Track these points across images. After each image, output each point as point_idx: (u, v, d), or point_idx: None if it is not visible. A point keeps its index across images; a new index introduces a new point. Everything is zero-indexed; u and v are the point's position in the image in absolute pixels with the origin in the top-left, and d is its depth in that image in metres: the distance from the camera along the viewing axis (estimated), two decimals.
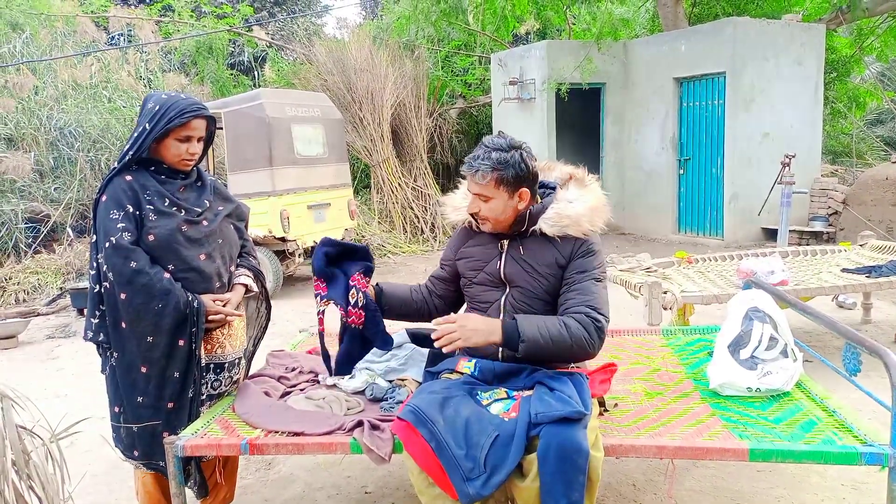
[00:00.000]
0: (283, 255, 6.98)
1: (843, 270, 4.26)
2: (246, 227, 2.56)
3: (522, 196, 2.17)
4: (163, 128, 2.17)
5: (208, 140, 2.35)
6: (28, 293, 7.45)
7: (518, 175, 2.13)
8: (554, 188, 2.30)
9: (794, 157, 6.57)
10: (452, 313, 2.05)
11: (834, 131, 12.43)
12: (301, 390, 2.52)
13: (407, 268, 8.57)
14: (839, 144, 12.55)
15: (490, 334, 2.05)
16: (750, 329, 2.40)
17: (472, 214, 2.23)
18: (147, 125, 2.18)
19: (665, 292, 3.74)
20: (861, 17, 10.16)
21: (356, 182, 10.74)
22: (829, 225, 8.63)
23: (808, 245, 6.58)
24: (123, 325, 2.17)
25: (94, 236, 2.21)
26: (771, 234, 8.50)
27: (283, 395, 2.46)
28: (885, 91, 12.46)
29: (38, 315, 6.61)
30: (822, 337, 4.62)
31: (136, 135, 2.20)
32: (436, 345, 2.04)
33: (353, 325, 2.22)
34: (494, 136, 2.21)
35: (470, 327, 2.03)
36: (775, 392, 2.31)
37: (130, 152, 2.20)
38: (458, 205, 2.37)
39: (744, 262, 4.10)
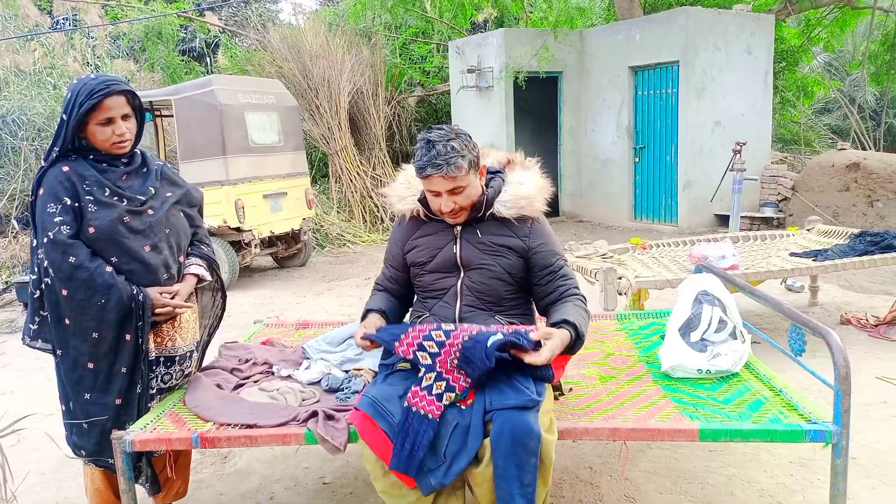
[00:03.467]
0: (238, 246, 6.86)
1: (792, 255, 4.38)
2: (200, 213, 2.46)
3: (482, 172, 2.20)
4: (77, 115, 2.05)
5: (140, 115, 2.21)
6: None
7: (476, 154, 2.15)
8: (497, 172, 2.30)
9: (744, 144, 6.73)
10: (543, 351, 1.94)
11: (783, 120, 12.76)
12: (255, 382, 2.48)
13: (367, 257, 8.51)
14: (788, 132, 12.90)
15: (563, 346, 2.00)
16: (700, 312, 2.45)
17: (440, 212, 2.16)
18: (64, 116, 2.07)
19: (620, 278, 3.80)
20: (808, 7, 10.45)
21: (314, 171, 10.60)
22: (779, 211, 8.87)
23: (758, 230, 6.75)
24: (67, 321, 2.10)
25: (33, 232, 2.12)
26: (723, 220, 8.70)
27: (236, 388, 2.42)
28: (831, 81, 12.83)
29: None
30: (770, 319, 4.75)
31: (57, 128, 2.10)
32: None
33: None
34: (432, 130, 2.12)
35: (557, 353, 1.98)
36: (724, 373, 2.37)
37: (56, 148, 2.10)
38: (402, 194, 2.31)
39: (696, 248, 4.18)
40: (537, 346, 1.96)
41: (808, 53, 12.11)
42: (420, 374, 2.00)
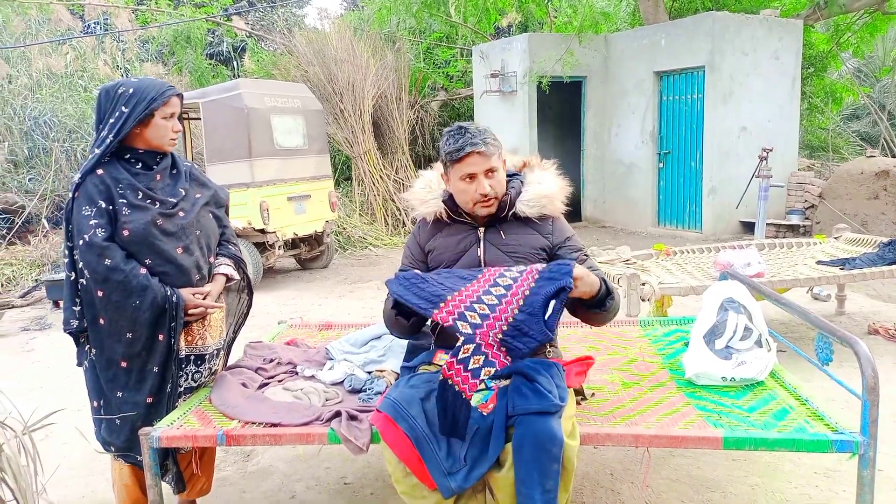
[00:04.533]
0: (262, 247, 6.93)
1: (819, 263, 4.32)
2: (226, 212, 2.52)
3: (504, 165, 2.24)
4: (147, 108, 2.15)
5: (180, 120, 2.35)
6: (3, 285, 7.32)
7: (502, 149, 2.21)
8: (514, 175, 2.32)
9: (771, 151, 6.64)
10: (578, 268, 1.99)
11: (811, 126, 12.58)
12: (279, 381, 2.51)
13: (388, 260, 8.55)
14: (816, 139, 12.71)
15: (594, 286, 2.04)
16: (725, 319, 2.43)
17: (473, 203, 2.17)
18: (124, 108, 2.14)
19: (643, 284, 3.78)
20: (838, 12, 10.29)
21: (337, 174, 10.68)
22: (806, 218, 8.75)
23: (784, 238, 6.66)
24: (102, 321, 2.15)
25: (67, 225, 2.18)
26: (748, 228, 8.60)
27: (260, 387, 2.45)
28: (861, 87, 12.62)
29: (13, 307, 6.50)
30: (796, 328, 4.69)
31: (112, 120, 2.15)
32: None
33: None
34: (456, 124, 2.21)
35: (592, 287, 2.03)
36: (749, 381, 2.34)
37: (110, 137, 2.15)
38: (423, 198, 2.33)
39: (721, 255, 4.15)
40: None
41: (836, 59, 11.93)
42: (458, 344, 1.94)
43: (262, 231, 6.77)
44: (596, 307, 2.10)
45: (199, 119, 6.73)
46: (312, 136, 7.58)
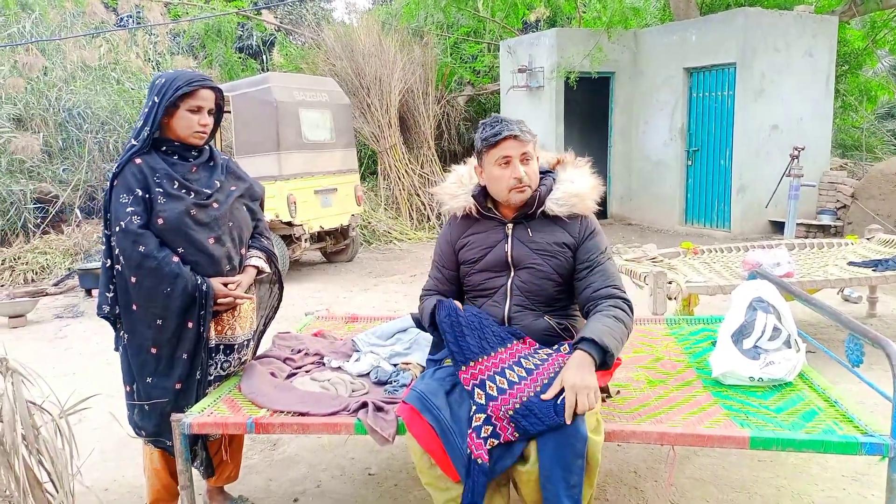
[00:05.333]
0: (289, 240, 7.01)
1: (850, 264, 4.25)
2: (261, 206, 2.56)
3: (538, 160, 2.25)
4: (171, 96, 2.18)
5: (218, 116, 2.36)
6: (36, 273, 7.51)
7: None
8: (547, 172, 2.32)
9: (803, 149, 6.54)
10: (558, 384, 1.90)
11: (844, 125, 12.34)
12: (306, 372, 2.54)
13: (412, 254, 8.59)
14: (849, 138, 12.46)
15: (591, 373, 1.93)
16: (753, 319, 2.41)
17: (507, 191, 2.17)
18: (156, 98, 2.20)
19: (670, 282, 3.75)
20: (874, 9, 10.06)
21: (363, 168, 10.74)
22: (837, 218, 8.60)
23: (815, 238, 6.56)
24: (134, 307, 2.20)
25: (105, 213, 2.24)
26: (778, 227, 8.48)
27: (288, 377, 2.49)
28: None
29: (47, 295, 6.66)
30: (826, 329, 4.63)
31: (146, 111, 2.22)
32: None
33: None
34: (492, 115, 2.24)
35: (590, 386, 1.88)
36: (777, 382, 2.32)
37: (146, 128, 2.21)
38: (454, 192, 2.33)
39: (749, 254, 4.10)
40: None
41: (872, 56, 11.67)
42: (471, 412, 1.95)
43: (289, 224, 6.85)
44: (600, 369, 2.01)
45: (229, 112, 6.82)
46: (339, 130, 7.63)
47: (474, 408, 1.96)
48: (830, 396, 2.21)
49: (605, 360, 1.99)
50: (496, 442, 1.90)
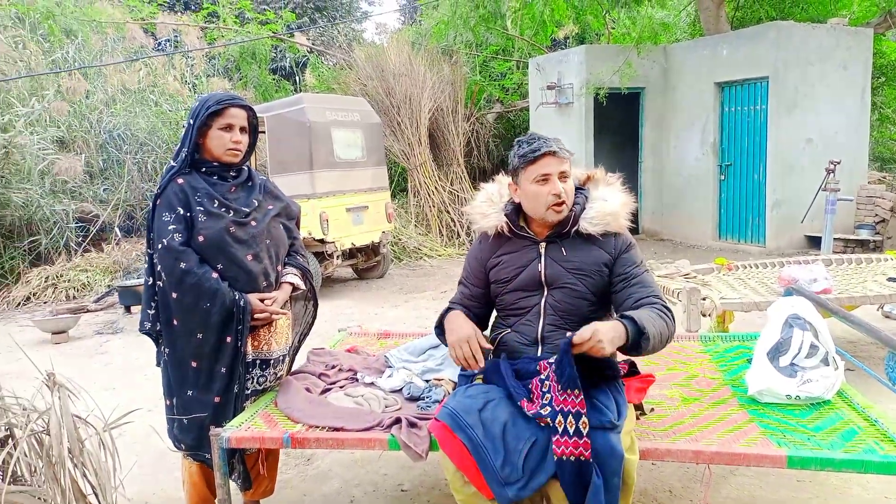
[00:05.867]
0: (321, 257, 7.10)
1: (890, 280, 4.16)
2: (297, 225, 2.63)
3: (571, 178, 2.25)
4: (203, 117, 2.27)
5: (254, 134, 2.43)
6: (78, 290, 7.71)
7: None
8: (579, 189, 2.30)
9: (839, 163, 6.43)
10: (585, 328, 1.90)
11: (882, 137, 12.11)
12: (340, 387, 2.58)
13: (443, 271, 8.62)
14: (887, 151, 12.22)
15: (619, 339, 1.94)
16: (790, 336, 2.38)
17: (545, 208, 2.18)
18: (191, 120, 2.30)
19: (704, 298, 3.71)
20: None
21: (393, 185, 10.84)
22: (876, 233, 8.41)
23: (852, 253, 6.42)
24: (175, 322, 2.27)
25: (148, 234, 2.32)
26: (814, 242, 8.32)
27: (323, 392, 2.53)
28: None
29: (88, 311, 6.84)
30: (866, 347, 4.52)
31: (183, 133, 2.33)
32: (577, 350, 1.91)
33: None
34: (528, 133, 2.25)
35: (606, 338, 1.89)
36: (815, 400, 2.29)
37: (184, 149, 2.31)
38: (485, 211, 2.32)
39: (785, 270, 4.04)
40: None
41: None
42: (552, 424, 1.94)
43: (322, 241, 6.94)
44: (633, 350, 2.01)
45: (263, 132, 6.96)
46: (370, 149, 7.73)
47: (549, 420, 1.96)
48: (870, 415, 2.17)
49: (638, 342, 1.97)
50: (582, 418, 1.90)
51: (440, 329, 2.32)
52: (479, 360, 2.10)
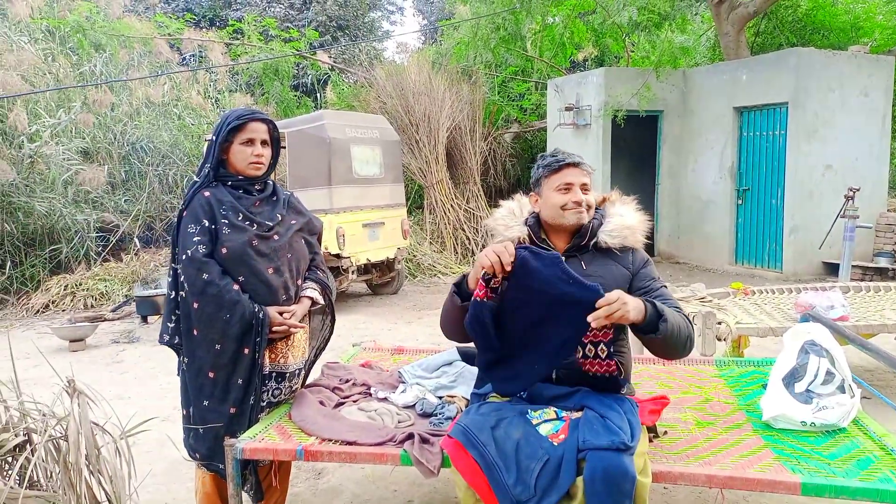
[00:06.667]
0: (337, 272, 7.14)
1: None
2: (319, 240, 2.67)
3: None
4: (224, 133, 2.33)
5: (276, 146, 2.49)
6: (96, 299, 7.81)
7: None
8: (595, 209, 2.34)
9: (858, 190, 6.40)
10: (612, 292, 1.95)
11: None
12: (354, 402, 2.59)
13: None
14: None
15: (639, 312, 1.98)
16: (806, 363, 2.37)
17: (574, 205, 2.21)
18: (213, 137, 2.36)
19: (719, 323, 3.70)
20: None
21: (410, 202, 10.91)
22: (895, 261, 8.32)
23: (871, 281, 6.36)
24: (195, 332, 2.31)
25: (174, 247, 2.37)
26: (832, 269, 8.25)
27: (336, 405, 2.54)
28: None
29: (105, 320, 6.92)
30: (883, 375, 4.47)
31: (207, 148, 2.40)
32: (592, 317, 1.93)
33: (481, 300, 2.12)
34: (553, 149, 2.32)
35: (630, 305, 1.94)
36: (830, 427, 2.27)
37: (207, 165, 2.38)
38: (508, 223, 2.36)
39: (802, 296, 4.01)
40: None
41: None
42: (583, 352, 2.11)
43: (338, 256, 6.99)
44: (650, 332, 2.02)
45: (284, 147, 7.06)
46: (388, 166, 7.80)
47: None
48: (887, 444, 2.15)
49: (656, 324, 2.00)
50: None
51: (458, 287, 2.23)
52: (512, 253, 2.05)
